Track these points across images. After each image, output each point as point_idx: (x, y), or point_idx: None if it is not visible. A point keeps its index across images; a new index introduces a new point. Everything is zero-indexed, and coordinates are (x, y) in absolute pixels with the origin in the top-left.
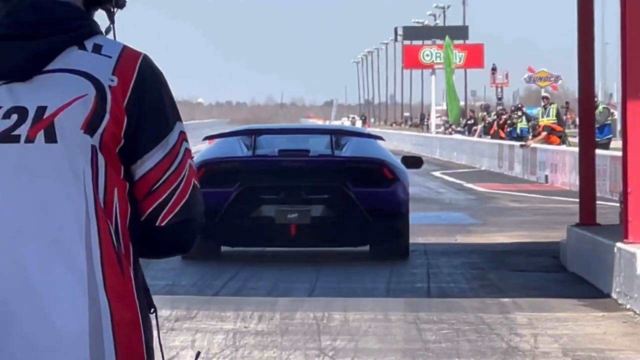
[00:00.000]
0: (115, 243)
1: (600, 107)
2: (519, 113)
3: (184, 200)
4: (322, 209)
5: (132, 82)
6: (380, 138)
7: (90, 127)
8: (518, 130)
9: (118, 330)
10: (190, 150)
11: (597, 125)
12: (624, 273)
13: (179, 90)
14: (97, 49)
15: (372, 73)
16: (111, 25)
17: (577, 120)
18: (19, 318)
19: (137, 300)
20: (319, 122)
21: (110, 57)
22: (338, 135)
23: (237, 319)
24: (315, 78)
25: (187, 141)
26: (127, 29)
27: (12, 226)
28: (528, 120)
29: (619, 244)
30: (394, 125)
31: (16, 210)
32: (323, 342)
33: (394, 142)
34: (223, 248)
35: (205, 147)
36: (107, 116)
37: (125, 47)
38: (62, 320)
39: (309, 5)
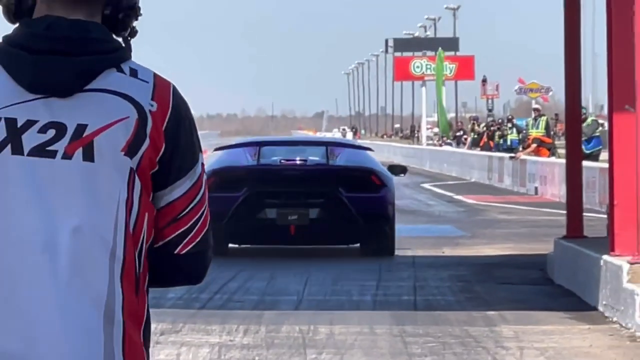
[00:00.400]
0: (137, 267)
1: (589, 119)
2: (509, 125)
3: (204, 231)
4: (318, 211)
5: (170, 109)
6: (370, 149)
7: (130, 149)
8: (508, 142)
9: (128, 348)
10: (206, 182)
11: (584, 138)
12: (610, 286)
13: None
14: (134, 73)
15: (363, 85)
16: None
17: None
18: (36, 331)
19: (144, 322)
20: (310, 134)
21: (147, 82)
22: (332, 146)
23: (222, 333)
24: (305, 90)
25: (205, 172)
26: None
27: (40, 241)
28: (519, 132)
29: (605, 257)
30: (384, 137)
31: (45, 225)
32: (308, 355)
33: (385, 154)
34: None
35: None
36: (147, 140)
37: (155, 74)
38: (78, 337)
39: (300, 18)
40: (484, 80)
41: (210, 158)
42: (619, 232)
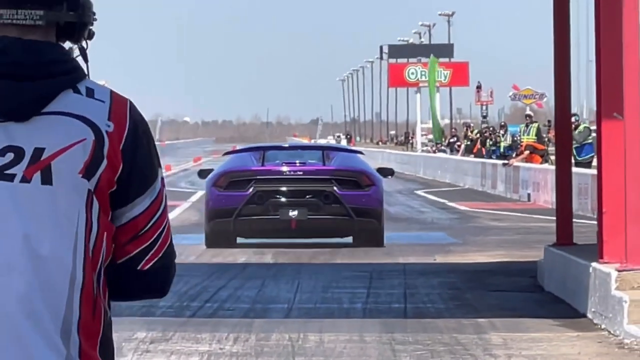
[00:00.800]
0: (95, 287)
1: (581, 127)
2: (502, 132)
3: (166, 245)
4: (316, 208)
5: (127, 128)
6: (361, 152)
7: (88, 171)
8: (501, 149)
9: None
10: (166, 196)
11: (576, 145)
12: (599, 293)
13: (164, 109)
14: (90, 93)
15: (358, 91)
16: (85, 63)
17: None
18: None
19: (100, 338)
20: (304, 141)
21: (104, 101)
22: (327, 150)
23: (212, 341)
24: (301, 96)
25: (165, 187)
26: (113, 47)
27: (2, 264)
28: (513, 140)
29: (594, 264)
30: (379, 143)
31: (6, 248)
32: None
33: (379, 161)
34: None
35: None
36: (105, 161)
37: (112, 92)
38: (40, 355)
39: (294, 24)
40: (479, 87)
41: (220, 161)
42: (607, 240)
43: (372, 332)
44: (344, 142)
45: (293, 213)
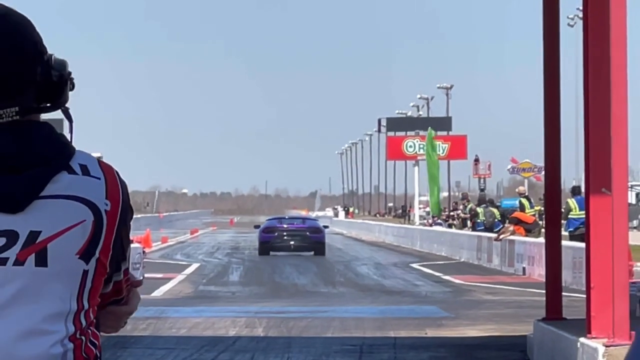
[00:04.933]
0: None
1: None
2: (484, 206)
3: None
4: (300, 240)
5: (120, 204)
6: (317, 219)
7: (86, 252)
8: (483, 223)
9: None
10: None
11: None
12: None
13: (162, 180)
14: (85, 170)
15: (356, 164)
16: (70, 124)
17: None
18: None
19: None
20: (302, 213)
21: (99, 178)
22: (305, 219)
23: None
24: (299, 168)
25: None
26: (110, 119)
27: None
28: (501, 214)
29: (582, 339)
30: (377, 215)
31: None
32: None
33: (376, 234)
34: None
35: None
36: (102, 241)
37: (101, 165)
38: None
39: (293, 96)
40: (476, 160)
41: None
42: (595, 315)
43: None
44: (341, 215)
45: (292, 242)
